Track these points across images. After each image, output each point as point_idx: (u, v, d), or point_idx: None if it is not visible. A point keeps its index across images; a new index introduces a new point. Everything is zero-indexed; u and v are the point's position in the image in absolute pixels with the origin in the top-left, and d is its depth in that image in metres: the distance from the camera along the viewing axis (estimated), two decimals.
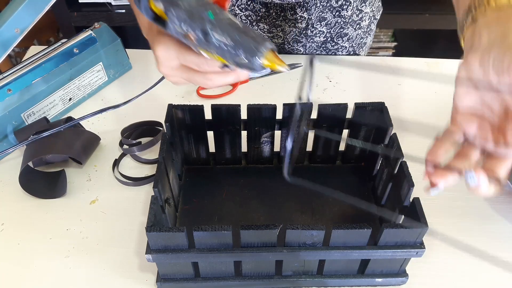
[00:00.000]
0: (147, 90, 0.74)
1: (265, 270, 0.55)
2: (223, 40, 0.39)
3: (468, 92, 0.42)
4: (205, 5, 0.40)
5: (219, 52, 0.40)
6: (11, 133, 0.72)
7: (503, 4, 0.42)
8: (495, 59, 0.38)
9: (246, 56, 0.39)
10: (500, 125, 0.41)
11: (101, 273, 0.59)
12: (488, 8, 0.42)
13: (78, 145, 0.69)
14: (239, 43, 0.38)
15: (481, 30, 0.42)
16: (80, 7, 1.45)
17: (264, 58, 0.39)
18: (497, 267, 0.60)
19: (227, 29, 0.39)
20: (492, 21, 0.42)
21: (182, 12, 0.40)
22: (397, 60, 0.93)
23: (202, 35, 0.40)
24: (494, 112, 0.42)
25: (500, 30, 0.40)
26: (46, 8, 0.71)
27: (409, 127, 0.79)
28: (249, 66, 0.40)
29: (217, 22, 0.39)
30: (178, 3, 0.40)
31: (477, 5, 0.44)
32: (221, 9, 0.40)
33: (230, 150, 0.68)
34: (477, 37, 0.42)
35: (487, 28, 0.41)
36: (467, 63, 0.41)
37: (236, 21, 0.39)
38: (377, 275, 0.57)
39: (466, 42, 0.44)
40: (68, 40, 0.80)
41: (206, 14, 0.39)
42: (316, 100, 0.81)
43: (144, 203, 0.67)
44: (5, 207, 0.66)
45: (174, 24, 0.41)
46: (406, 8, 1.53)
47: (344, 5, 0.85)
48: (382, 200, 0.63)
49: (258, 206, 0.65)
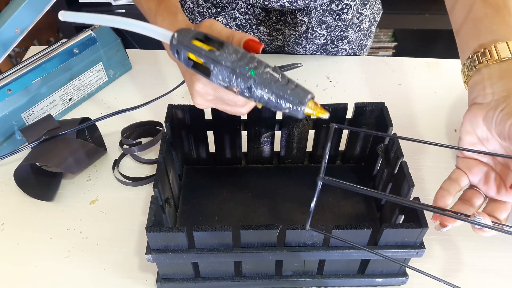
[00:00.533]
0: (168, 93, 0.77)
1: (265, 270, 0.55)
2: (266, 95, 0.41)
3: (472, 143, 0.46)
4: (245, 60, 0.41)
5: (261, 101, 0.42)
6: (17, 131, 0.72)
7: (505, 55, 0.45)
8: (497, 124, 0.42)
9: (289, 107, 0.41)
10: (502, 173, 0.45)
11: (101, 273, 0.59)
12: (491, 59, 0.45)
13: (75, 158, 0.67)
14: (281, 96, 0.41)
15: (485, 83, 0.45)
16: (80, 7, 1.45)
17: (306, 108, 0.41)
18: (497, 267, 0.60)
19: (269, 85, 0.41)
20: (495, 74, 0.45)
21: (224, 69, 0.42)
22: (397, 60, 0.93)
23: (245, 89, 0.42)
24: (497, 160, 0.45)
25: (504, 88, 0.43)
26: (46, 8, 0.71)
27: (409, 127, 0.79)
28: (292, 114, 0.42)
29: (258, 78, 0.41)
30: (220, 62, 0.42)
31: (481, 55, 0.46)
32: (260, 62, 0.42)
33: (230, 150, 0.68)
34: (481, 89, 0.46)
35: (490, 80, 0.45)
36: (471, 116, 0.45)
37: (276, 74, 0.41)
38: (377, 275, 0.57)
39: (470, 89, 0.48)
40: (68, 40, 0.80)
41: (248, 72, 0.41)
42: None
43: (144, 203, 0.67)
44: (5, 207, 0.66)
45: (217, 78, 0.43)
46: (406, 8, 1.53)
47: (345, 9, 0.85)
48: (382, 200, 0.63)
49: (258, 206, 0.65)
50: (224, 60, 0.42)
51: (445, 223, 0.42)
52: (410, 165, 0.56)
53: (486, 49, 0.46)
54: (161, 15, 0.54)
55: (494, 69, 0.45)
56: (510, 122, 0.41)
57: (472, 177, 0.46)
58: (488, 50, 0.46)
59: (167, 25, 0.52)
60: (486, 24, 0.48)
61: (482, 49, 0.47)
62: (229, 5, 0.85)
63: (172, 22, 0.52)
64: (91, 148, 0.70)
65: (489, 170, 0.46)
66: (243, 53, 0.42)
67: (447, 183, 0.46)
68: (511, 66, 0.45)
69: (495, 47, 0.46)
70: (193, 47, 0.43)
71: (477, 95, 0.46)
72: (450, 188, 0.45)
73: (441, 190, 0.45)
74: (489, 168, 0.46)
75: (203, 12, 0.88)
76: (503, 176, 0.45)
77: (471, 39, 0.49)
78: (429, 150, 0.75)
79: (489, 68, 0.46)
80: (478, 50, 0.47)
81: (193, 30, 0.44)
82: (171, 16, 0.53)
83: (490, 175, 0.46)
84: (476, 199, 0.45)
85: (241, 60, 0.41)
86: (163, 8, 0.54)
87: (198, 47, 0.43)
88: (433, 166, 0.72)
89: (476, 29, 0.49)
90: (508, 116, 0.42)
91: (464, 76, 0.50)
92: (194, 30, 0.44)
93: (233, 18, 0.87)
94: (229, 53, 0.42)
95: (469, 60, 0.48)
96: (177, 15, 0.53)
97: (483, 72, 0.46)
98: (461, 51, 0.51)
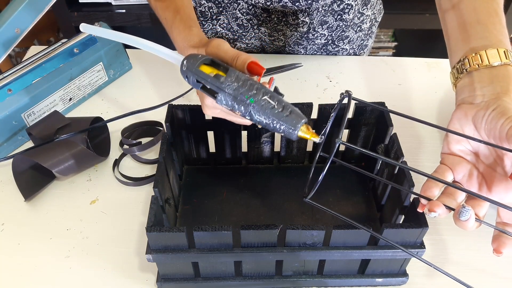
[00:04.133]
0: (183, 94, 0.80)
1: (265, 270, 0.55)
2: (264, 120, 0.46)
3: (459, 140, 0.48)
4: (245, 87, 0.46)
5: (260, 124, 0.47)
6: (22, 130, 0.72)
7: (495, 61, 0.47)
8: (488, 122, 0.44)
9: (284, 131, 0.46)
10: (485, 172, 0.47)
11: (101, 273, 0.59)
12: (482, 64, 0.48)
13: (73, 162, 0.67)
14: (277, 122, 0.45)
15: (475, 85, 0.48)
16: (80, 7, 1.44)
17: (299, 132, 0.45)
18: (497, 267, 0.60)
19: (266, 111, 0.45)
20: (485, 78, 0.47)
21: (227, 96, 0.47)
22: (397, 60, 0.93)
23: (246, 113, 0.47)
24: (481, 160, 0.47)
25: (494, 92, 0.46)
26: (46, 8, 0.71)
27: (409, 127, 0.79)
28: (287, 137, 0.48)
29: (257, 105, 0.46)
30: (223, 89, 0.46)
31: (472, 59, 0.49)
32: (260, 89, 0.46)
33: (230, 150, 0.68)
34: (471, 91, 0.48)
35: (480, 83, 0.47)
36: (460, 114, 0.48)
37: (272, 102, 0.46)
38: (377, 275, 0.57)
39: (459, 90, 0.50)
40: (68, 40, 0.80)
41: (247, 100, 0.46)
42: (316, 100, 0.81)
43: (144, 203, 0.67)
44: (5, 207, 0.66)
45: (221, 102, 0.47)
46: (406, 8, 1.53)
47: (346, 9, 0.85)
48: (382, 200, 0.63)
49: (258, 206, 0.65)
50: (226, 88, 0.46)
51: (433, 209, 0.43)
52: (410, 165, 0.56)
53: (477, 54, 0.48)
54: (176, 28, 0.58)
55: (484, 73, 0.48)
56: (502, 121, 0.43)
57: (456, 173, 0.48)
58: (479, 54, 0.48)
59: (181, 39, 0.56)
60: (478, 29, 0.50)
61: (473, 53, 0.49)
62: (231, 5, 0.85)
63: (187, 36, 0.56)
64: (91, 156, 0.69)
65: (472, 168, 0.48)
66: (244, 80, 0.46)
67: (434, 175, 0.48)
68: (501, 72, 0.47)
69: (486, 53, 0.48)
70: (200, 74, 0.48)
71: (466, 96, 0.48)
72: (435, 181, 0.47)
73: (428, 182, 0.47)
74: (472, 167, 0.48)
75: (204, 11, 0.88)
76: (486, 175, 0.47)
77: (463, 43, 0.51)
78: (429, 150, 0.75)
79: (480, 72, 0.48)
80: (469, 54, 0.49)
81: (200, 57, 0.49)
82: (187, 29, 0.57)
83: (473, 173, 0.48)
84: (459, 193, 0.46)
85: (242, 88, 0.46)
86: (179, 20, 0.58)
87: (205, 74, 0.47)
88: (433, 166, 0.71)
89: (468, 34, 0.51)
90: (500, 115, 0.44)
91: (454, 78, 0.52)
92: (201, 56, 0.49)
93: (234, 18, 0.87)
94: (231, 81, 0.46)
95: (460, 63, 0.50)
96: (191, 29, 0.57)
97: (474, 75, 0.48)
98: (452, 54, 0.53)
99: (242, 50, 0.94)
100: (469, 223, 0.42)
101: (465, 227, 0.43)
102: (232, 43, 0.93)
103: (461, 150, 0.48)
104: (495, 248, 0.44)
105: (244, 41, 0.92)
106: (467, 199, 0.47)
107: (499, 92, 0.46)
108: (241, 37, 0.91)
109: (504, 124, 0.43)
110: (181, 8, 0.59)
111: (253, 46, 0.93)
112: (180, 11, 0.59)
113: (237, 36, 0.91)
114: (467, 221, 0.42)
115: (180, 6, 0.59)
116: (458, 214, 0.42)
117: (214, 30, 0.91)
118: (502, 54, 0.47)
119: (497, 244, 0.44)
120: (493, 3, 0.52)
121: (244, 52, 0.94)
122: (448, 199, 0.46)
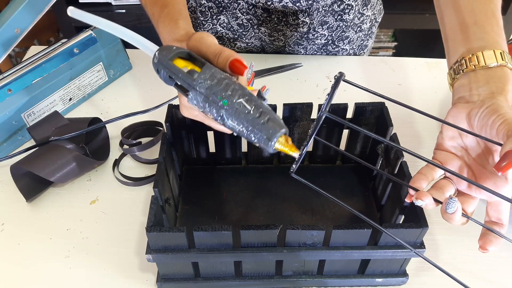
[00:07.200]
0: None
1: (265, 270, 0.55)
2: (236, 126, 0.40)
3: (452, 136, 0.49)
4: (219, 87, 0.40)
5: (234, 130, 0.41)
6: (22, 130, 0.72)
7: (491, 63, 0.48)
8: (481, 119, 0.45)
9: (259, 141, 0.40)
10: (475, 169, 0.48)
11: (101, 273, 0.59)
12: (478, 65, 0.48)
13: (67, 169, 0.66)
14: (251, 130, 0.39)
15: (471, 85, 0.49)
16: (80, 7, 1.44)
17: (276, 144, 0.40)
18: (497, 267, 0.60)
19: (239, 117, 0.39)
20: (482, 79, 0.48)
21: (198, 95, 0.41)
22: (397, 60, 0.93)
23: (218, 117, 0.41)
24: (472, 156, 0.48)
25: (489, 91, 0.47)
26: (46, 8, 0.71)
27: (409, 127, 0.79)
28: (262, 148, 0.41)
29: (230, 108, 0.39)
30: (195, 87, 0.41)
31: (468, 60, 0.49)
32: (236, 90, 0.40)
33: (230, 150, 0.68)
34: (468, 90, 0.49)
35: (477, 84, 0.48)
36: (455, 111, 0.49)
37: (248, 106, 0.39)
38: (377, 275, 0.57)
39: (455, 90, 0.51)
40: (68, 40, 0.80)
41: (220, 102, 0.40)
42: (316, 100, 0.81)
43: (144, 203, 0.67)
44: (5, 207, 0.66)
45: (192, 102, 0.42)
46: (406, 8, 1.53)
47: (346, 9, 0.85)
48: (382, 200, 0.63)
49: (258, 206, 0.65)
50: (198, 86, 0.41)
51: (422, 198, 0.44)
52: (410, 165, 0.56)
53: (474, 55, 0.49)
54: (162, 21, 0.54)
55: (480, 74, 0.48)
56: (493, 117, 0.44)
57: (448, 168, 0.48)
58: (476, 55, 0.49)
59: (167, 32, 0.52)
60: (475, 30, 0.51)
61: (470, 55, 0.49)
62: (231, 4, 0.85)
63: (172, 29, 0.52)
64: (89, 161, 0.69)
65: (463, 165, 0.48)
66: (220, 79, 0.41)
67: (424, 169, 0.49)
68: (497, 73, 0.48)
69: (482, 54, 0.48)
70: (171, 68, 0.42)
71: (463, 95, 0.49)
72: (427, 173, 0.48)
73: (418, 174, 0.48)
74: (463, 163, 0.49)
75: (205, 11, 0.88)
76: (476, 172, 0.47)
77: (460, 44, 0.52)
78: (429, 150, 0.75)
79: (476, 73, 0.49)
80: (466, 55, 0.50)
81: (175, 49, 0.43)
82: (172, 22, 0.52)
83: (464, 170, 0.48)
84: (448, 188, 0.47)
85: (216, 87, 0.40)
86: (165, 14, 0.54)
87: (177, 69, 0.42)
88: None
89: (465, 35, 0.52)
90: (493, 112, 0.44)
91: (451, 78, 0.52)
92: (176, 48, 0.43)
93: (234, 18, 0.87)
94: (205, 78, 0.41)
95: (457, 64, 0.51)
96: (178, 22, 0.52)
97: (470, 75, 0.49)
98: (449, 55, 0.54)
99: (242, 49, 0.94)
100: (456, 216, 0.43)
101: (451, 220, 0.44)
102: (232, 42, 0.93)
103: (453, 147, 0.49)
104: (481, 245, 0.45)
105: (244, 40, 0.92)
106: (457, 196, 0.47)
107: (494, 91, 0.46)
108: (241, 37, 0.91)
109: (496, 120, 0.43)
110: (169, 2, 0.55)
111: (253, 46, 0.93)
112: (168, 5, 0.55)
113: (237, 36, 0.91)
114: (453, 214, 0.43)
115: (169, 1, 0.55)
116: (445, 207, 0.42)
117: (214, 30, 0.91)
118: (499, 55, 0.48)
119: (483, 241, 0.45)
120: (491, 4, 0.52)
121: (244, 51, 0.94)
122: (437, 193, 0.46)
